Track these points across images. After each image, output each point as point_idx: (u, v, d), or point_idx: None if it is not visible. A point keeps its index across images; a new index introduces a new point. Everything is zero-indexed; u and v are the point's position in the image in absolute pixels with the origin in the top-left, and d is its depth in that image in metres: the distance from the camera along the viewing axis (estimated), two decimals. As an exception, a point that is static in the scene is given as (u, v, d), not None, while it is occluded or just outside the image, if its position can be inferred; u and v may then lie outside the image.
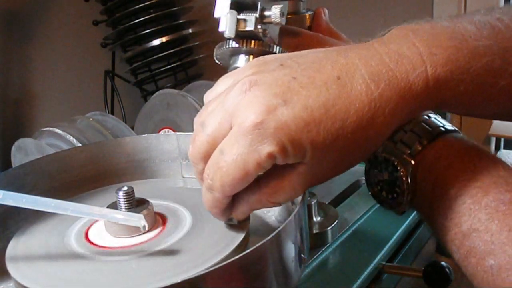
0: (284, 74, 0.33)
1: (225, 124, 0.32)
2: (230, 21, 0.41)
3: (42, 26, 1.10)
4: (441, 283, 0.53)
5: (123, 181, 0.49)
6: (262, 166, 0.31)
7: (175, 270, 0.34)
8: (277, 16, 0.42)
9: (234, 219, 0.37)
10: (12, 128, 1.08)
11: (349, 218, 0.60)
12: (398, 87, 0.33)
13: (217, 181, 0.32)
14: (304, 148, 0.31)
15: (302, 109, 0.31)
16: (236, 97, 0.32)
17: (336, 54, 0.34)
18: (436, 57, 0.33)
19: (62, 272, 0.35)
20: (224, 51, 0.44)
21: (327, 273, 0.51)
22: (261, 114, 0.31)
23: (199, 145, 0.33)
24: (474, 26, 0.35)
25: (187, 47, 1.19)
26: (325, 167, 0.33)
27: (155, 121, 0.90)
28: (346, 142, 0.32)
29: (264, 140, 0.31)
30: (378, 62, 0.33)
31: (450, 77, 0.33)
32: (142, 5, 1.11)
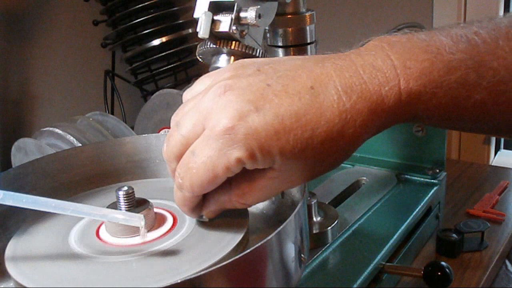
0: (260, 81, 0.33)
1: (199, 126, 0.33)
2: (204, 21, 0.42)
3: (42, 26, 1.10)
4: (441, 283, 0.53)
5: (123, 181, 0.49)
6: (231, 170, 0.32)
7: (175, 270, 0.34)
8: (252, 18, 0.42)
9: (204, 216, 0.37)
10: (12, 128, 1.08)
11: (349, 218, 0.60)
12: (370, 100, 0.33)
13: (187, 181, 0.33)
14: (273, 155, 0.32)
15: (273, 117, 0.32)
16: (211, 100, 0.33)
17: (313, 63, 0.34)
18: (409, 70, 0.33)
19: (62, 272, 0.35)
20: (206, 50, 0.45)
21: (327, 273, 0.51)
22: (233, 120, 0.31)
23: (173, 144, 0.34)
24: (451, 39, 0.35)
25: (187, 47, 1.19)
26: (295, 174, 0.34)
27: (155, 121, 0.90)
28: (316, 151, 0.32)
29: (234, 145, 0.31)
30: (352, 73, 0.33)
31: (423, 91, 0.34)
32: (142, 5, 1.11)
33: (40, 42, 1.11)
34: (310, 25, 0.54)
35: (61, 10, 1.15)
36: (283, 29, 0.54)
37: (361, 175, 0.71)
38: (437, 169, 0.69)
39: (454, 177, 0.85)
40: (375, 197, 0.65)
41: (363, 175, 0.71)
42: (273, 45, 0.55)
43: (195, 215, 0.37)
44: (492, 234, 0.67)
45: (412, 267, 0.57)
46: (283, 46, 0.54)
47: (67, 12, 1.16)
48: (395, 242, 0.57)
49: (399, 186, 0.68)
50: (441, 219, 0.70)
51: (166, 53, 1.15)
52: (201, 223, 0.39)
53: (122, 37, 1.16)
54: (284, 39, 0.54)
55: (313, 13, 0.54)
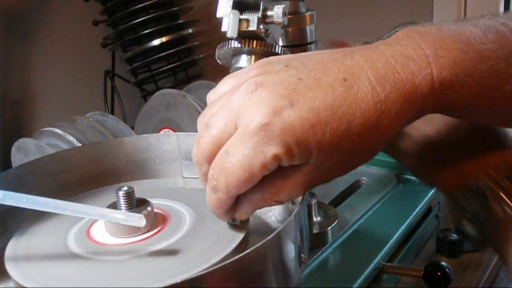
0: (290, 75, 0.32)
1: (231, 125, 0.32)
2: (232, 21, 0.41)
3: (42, 26, 1.10)
4: (441, 283, 0.53)
5: (123, 181, 0.49)
6: (268, 167, 0.31)
7: (175, 270, 0.34)
8: (279, 16, 0.42)
9: (237, 219, 0.37)
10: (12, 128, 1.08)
11: (349, 218, 0.60)
12: (404, 89, 0.33)
13: (222, 182, 0.32)
14: (310, 149, 0.31)
15: (308, 110, 0.31)
16: (241, 98, 0.32)
17: (341, 56, 0.34)
18: (442, 59, 0.33)
19: (62, 272, 0.35)
20: (226, 51, 0.44)
21: (327, 273, 0.51)
22: (268, 116, 0.31)
23: (203, 146, 0.33)
24: (480, 30, 0.35)
25: (187, 47, 1.19)
26: (330, 168, 0.33)
27: (155, 121, 0.90)
28: (352, 143, 0.32)
29: (270, 142, 0.31)
30: (384, 64, 0.33)
31: (456, 80, 0.33)
32: (142, 5, 1.11)
33: (40, 42, 1.11)
34: (310, 25, 0.54)
35: (61, 10, 1.14)
36: (283, 29, 0.54)
37: (361, 175, 0.71)
38: (437, 169, 0.69)
39: (454, 177, 0.85)
40: (375, 197, 0.65)
41: (363, 175, 0.71)
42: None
43: (228, 218, 0.36)
44: (492, 234, 0.67)
45: (412, 267, 0.57)
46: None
47: (67, 12, 1.16)
48: (395, 242, 0.57)
49: (399, 186, 0.68)
50: (441, 219, 0.70)
51: (166, 53, 1.15)
52: (201, 223, 0.39)
53: (122, 37, 1.16)
54: (284, 39, 0.54)
55: (313, 13, 0.54)
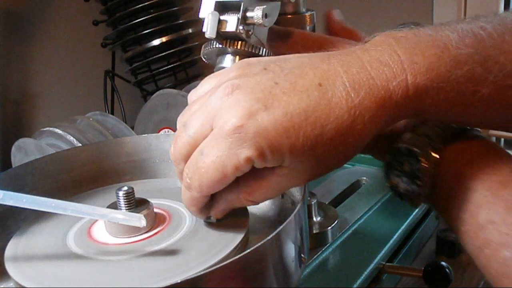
0: (267, 79, 0.33)
1: (207, 126, 0.33)
2: (211, 21, 0.42)
3: (42, 26, 1.10)
4: (441, 283, 0.53)
5: (123, 181, 0.49)
6: (240, 169, 0.32)
7: (175, 270, 0.34)
8: (259, 18, 0.42)
9: (212, 217, 0.37)
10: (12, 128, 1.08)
11: (349, 218, 0.60)
12: (378, 95, 0.33)
13: (195, 181, 0.33)
14: (283, 153, 0.32)
15: (282, 115, 0.31)
16: (219, 99, 0.33)
17: (319, 60, 0.34)
18: (417, 65, 0.33)
19: (62, 272, 0.35)
20: (211, 51, 0.45)
21: (327, 273, 0.51)
22: (242, 118, 0.31)
23: (180, 145, 0.34)
24: (457, 34, 0.35)
25: (187, 47, 1.19)
26: (304, 171, 0.34)
27: (155, 121, 0.90)
28: (325, 148, 0.32)
29: (243, 144, 0.31)
30: (359, 69, 0.33)
31: (430, 86, 0.34)
32: (142, 5, 1.11)
33: (40, 42, 1.11)
34: (310, 25, 0.54)
35: (61, 10, 1.15)
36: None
37: (361, 175, 0.71)
38: (437, 169, 0.69)
39: (454, 177, 0.85)
40: (375, 197, 0.65)
41: (363, 175, 0.71)
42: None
43: (203, 216, 0.37)
44: (492, 234, 0.67)
45: (412, 267, 0.57)
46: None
47: (67, 12, 1.16)
48: (395, 242, 0.57)
49: (399, 186, 0.68)
50: (441, 219, 0.70)
51: (166, 53, 1.15)
52: (201, 223, 0.39)
53: (122, 37, 1.16)
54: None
55: (313, 13, 0.54)
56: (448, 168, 0.36)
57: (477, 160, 0.35)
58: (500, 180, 0.33)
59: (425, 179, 0.36)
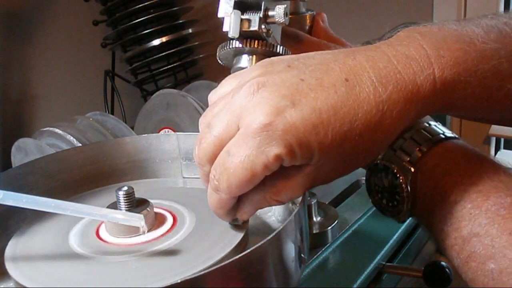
0: (292, 76, 0.32)
1: (233, 126, 0.32)
2: (234, 21, 0.41)
3: (42, 26, 1.10)
4: (441, 283, 0.53)
5: (123, 181, 0.49)
6: (270, 168, 0.31)
7: (175, 270, 0.34)
8: (281, 16, 0.42)
9: (238, 219, 0.37)
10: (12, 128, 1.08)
11: (349, 218, 0.60)
12: (405, 90, 0.33)
13: (223, 182, 0.32)
14: (312, 150, 0.31)
15: (311, 111, 0.31)
16: (243, 98, 0.32)
17: (343, 56, 0.34)
18: (443, 59, 0.33)
19: (62, 272, 0.35)
20: (228, 52, 0.44)
21: (327, 273, 0.51)
22: (270, 116, 0.31)
23: (205, 146, 0.33)
24: (482, 29, 0.35)
25: (187, 47, 1.19)
26: (331, 169, 0.33)
27: (155, 121, 0.90)
28: (354, 144, 0.32)
29: (272, 142, 0.31)
30: (386, 64, 0.33)
31: (458, 80, 0.33)
32: (142, 5, 1.11)
33: (40, 42, 1.11)
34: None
35: (61, 10, 1.14)
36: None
37: (361, 175, 0.71)
38: (437, 169, 0.69)
39: (454, 177, 0.85)
40: (375, 197, 0.65)
41: (363, 175, 0.70)
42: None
43: (230, 218, 0.36)
44: (492, 234, 0.67)
45: (412, 267, 0.57)
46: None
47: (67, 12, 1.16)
48: (395, 242, 0.57)
49: (399, 186, 0.68)
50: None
51: (166, 53, 1.15)
52: (201, 223, 0.39)
53: (122, 37, 1.16)
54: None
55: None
56: (427, 181, 0.35)
57: (456, 170, 0.34)
58: (480, 190, 0.32)
59: (404, 194, 0.36)
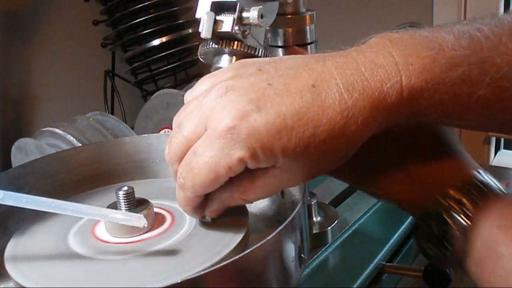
0: (261, 80, 0.33)
1: (201, 127, 0.33)
2: (206, 22, 0.42)
3: (42, 26, 1.11)
4: (441, 283, 0.53)
5: (123, 181, 0.49)
6: (233, 170, 0.32)
7: (175, 270, 0.34)
8: (255, 18, 0.42)
9: (207, 216, 0.37)
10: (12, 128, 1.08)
11: (349, 218, 0.60)
12: (372, 97, 0.33)
13: (188, 181, 0.33)
14: (275, 154, 0.32)
15: (275, 116, 0.31)
16: (213, 100, 0.33)
17: (314, 61, 0.34)
18: (412, 67, 0.33)
19: (62, 272, 0.35)
20: (208, 51, 0.45)
21: (327, 273, 0.51)
22: (235, 119, 0.31)
23: (174, 146, 0.34)
24: (453, 36, 0.34)
25: (187, 47, 1.19)
26: (297, 172, 0.34)
27: (155, 121, 0.90)
28: (317, 149, 0.32)
29: (236, 145, 0.31)
30: (353, 71, 0.33)
31: (425, 87, 0.33)
32: (142, 5, 1.11)
33: (40, 42, 1.11)
34: (310, 25, 0.54)
35: (61, 10, 1.15)
36: (283, 29, 0.54)
37: (361, 175, 0.71)
38: (437, 169, 0.69)
39: (454, 177, 0.85)
40: (375, 197, 0.65)
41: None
42: (273, 45, 0.55)
43: (198, 216, 0.37)
44: (492, 234, 0.67)
45: (412, 267, 0.57)
46: (283, 46, 0.54)
47: (67, 12, 1.16)
48: (395, 242, 0.57)
49: (399, 186, 0.68)
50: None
51: (166, 53, 1.15)
52: (201, 223, 0.39)
53: (122, 37, 1.16)
54: (284, 39, 0.54)
55: (313, 13, 0.54)
56: (480, 233, 0.35)
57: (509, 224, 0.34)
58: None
59: (456, 245, 0.35)
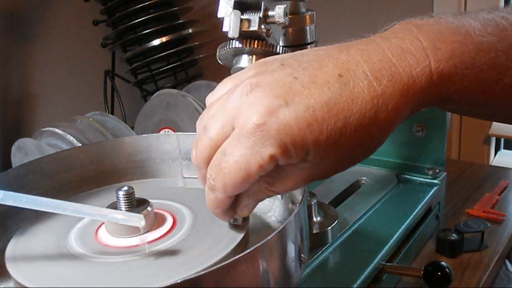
0: (285, 74, 0.32)
1: (228, 127, 0.32)
2: (234, 21, 0.41)
3: (42, 26, 1.11)
4: (441, 283, 0.53)
5: (123, 181, 0.49)
6: (264, 168, 0.31)
7: (175, 270, 0.34)
8: (280, 16, 0.42)
9: (238, 219, 0.37)
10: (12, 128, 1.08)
11: (349, 218, 0.60)
12: (401, 83, 0.32)
13: (219, 182, 0.32)
14: (307, 148, 0.31)
15: (304, 109, 0.31)
16: (237, 99, 0.32)
17: (337, 51, 0.34)
18: (440, 51, 0.33)
19: (62, 272, 0.35)
20: (227, 52, 0.44)
21: (327, 273, 0.51)
22: (263, 116, 0.30)
23: (202, 149, 0.33)
24: (479, 23, 0.34)
25: (187, 47, 1.19)
26: (328, 164, 0.33)
27: (155, 121, 0.90)
28: (349, 140, 0.32)
29: (266, 142, 0.31)
30: (380, 57, 0.33)
31: (454, 72, 0.33)
32: (142, 5, 1.11)
33: (40, 42, 1.11)
34: (310, 25, 0.54)
35: (61, 10, 1.15)
36: (283, 29, 0.53)
37: (361, 175, 0.71)
38: (437, 169, 0.69)
39: (454, 177, 0.85)
40: (375, 197, 0.65)
41: (363, 175, 0.71)
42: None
43: (228, 218, 0.36)
44: (492, 234, 0.67)
45: (412, 267, 0.57)
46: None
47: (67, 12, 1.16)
48: (395, 242, 0.57)
49: (399, 186, 0.68)
50: (441, 219, 0.70)
51: (166, 53, 1.15)
52: (201, 223, 0.39)
53: (122, 37, 1.16)
54: (284, 39, 0.54)
55: (313, 13, 0.54)
56: None
57: None
58: None
59: None
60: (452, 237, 0.63)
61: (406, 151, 0.71)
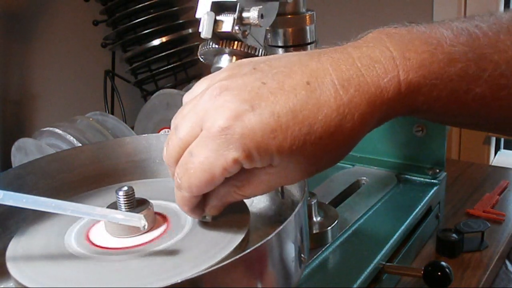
0: (255, 79, 0.33)
1: (196, 128, 0.33)
2: (207, 22, 0.42)
3: (42, 26, 1.11)
4: (441, 283, 0.53)
5: (123, 181, 0.49)
6: (228, 170, 0.32)
7: (175, 270, 0.34)
8: (255, 18, 0.42)
9: (207, 216, 0.37)
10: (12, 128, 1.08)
11: (349, 218, 0.60)
12: (368, 92, 0.32)
13: (185, 182, 0.33)
14: (270, 154, 0.32)
15: (269, 115, 0.31)
16: (207, 101, 0.33)
17: (308, 58, 0.34)
18: (409, 61, 0.33)
19: (62, 272, 0.35)
20: (208, 51, 0.45)
21: (327, 273, 0.51)
22: (229, 120, 0.31)
23: (171, 148, 0.34)
24: (451, 32, 0.34)
25: (187, 47, 1.19)
26: (294, 170, 0.33)
27: (155, 121, 0.90)
28: (314, 147, 0.32)
29: (230, 146, 0.31)
30: (349, 66, 0.33)
31: (423, 82, 0.33)
32: (142, 5, 1.11)
33: (40, 42, 1.11)
34: (310, 25, 0.54)
35: (61, 10, 1.15)
36: (283, 29, 0.54)
37: (361, 175, 0.71)
38: (437, 169, 0.69)
39: (454, 177, 0.85)
40: (375, 197, 0.65)
41: (363, 175, 0.71)
42: (273, 45, 0.55)
43: (197, 215, 0.37)
44: (492, 234, 0.67)
45: (412, 267, 0.57)
46: (283, 46, 0.54)
47: (67, 12, 1.16)
48: (395, 242, 0.57)
49: (399, 186, 0.68)
50: (441, 219, 0.70)
51: (166, 53, 1.15)
52: (202, 223, 0.39)
53: (122, 37, 1.16)
54: (284, 39, 0.54)
55: (313, 13, 0.54)
56: None
57: None
58: None
59: None
60: (452, 237, 0.63)
61: (406, 151, 0.71)
